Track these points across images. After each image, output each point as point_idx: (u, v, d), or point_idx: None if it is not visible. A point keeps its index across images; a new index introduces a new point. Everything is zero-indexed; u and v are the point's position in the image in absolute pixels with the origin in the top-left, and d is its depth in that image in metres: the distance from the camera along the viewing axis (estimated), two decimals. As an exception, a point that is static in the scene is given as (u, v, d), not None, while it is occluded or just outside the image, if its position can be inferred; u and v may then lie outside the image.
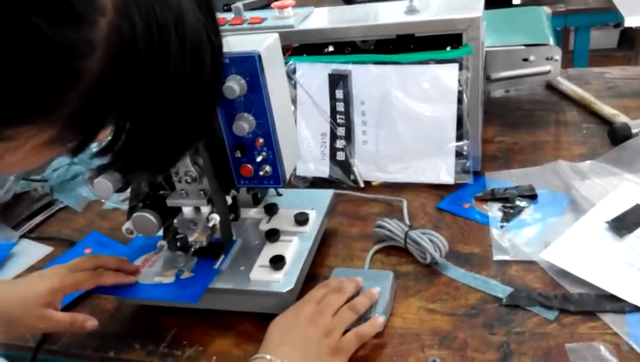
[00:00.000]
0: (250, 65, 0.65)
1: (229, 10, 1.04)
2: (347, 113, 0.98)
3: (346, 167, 1.00)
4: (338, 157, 1.00)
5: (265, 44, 0.67)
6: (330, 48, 1.02)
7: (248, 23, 0.97)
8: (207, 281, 0.72)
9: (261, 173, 0.71)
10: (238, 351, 0.70)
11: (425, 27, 0.88)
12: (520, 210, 0.86)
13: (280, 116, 0.70)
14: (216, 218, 0.70)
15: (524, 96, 1.24)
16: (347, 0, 1.91)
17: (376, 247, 0.83)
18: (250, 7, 1.05)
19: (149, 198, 0.72)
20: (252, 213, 0.85)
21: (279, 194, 0.87)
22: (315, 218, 0.81)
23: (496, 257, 0.78)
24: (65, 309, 0.79)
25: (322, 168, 1.01)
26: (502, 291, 0.72)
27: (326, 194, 0.87)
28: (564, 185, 0.89)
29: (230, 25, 0.97)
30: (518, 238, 0.80)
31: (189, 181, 0.70)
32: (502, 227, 0.83)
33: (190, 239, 0.71)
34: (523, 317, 0.68)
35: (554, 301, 0.69)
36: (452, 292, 0.73)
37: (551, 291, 0.71)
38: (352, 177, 0.99)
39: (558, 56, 1.05)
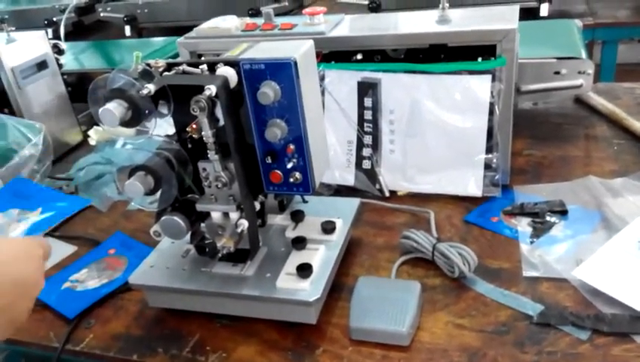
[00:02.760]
0: (285, 72, 0.65)
1: (255, 14, 1.04)
2: (375, 121, 0.97)
3: (371, 175, 0.99)
4: (364, 166, 0.99)
5: (301, 51, 0.67)
6: (359, 56, 1.01)
7: (279, 29, 0.96)
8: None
9: (291, 180, 0.71)
10: (262, 359, 0.69)
11: (459, 37, 0.88)
12: (550, 225, 0.84)
13: (312, 123, 0.69)
14: (244, 224, 0.70)
15: (553, 110, 1.22)
16: (372, 9, 1.91)
17: (402, 259, 0.82)
18: (275, 13, 1.05)
19: (178, 202, 0.72)
20: (278, 219, 0.84)
21: (305, 201, 0.87)
22: (341, 227, 0.80)
23: (526, 273, 0.76)
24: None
25: (347, 176, 1.00)
26: (532, 308, 0.70)
27: (352, 203, 0.86)
28: (596, 202, 0.88)
29: (261, 30, 0.97)
30: (548, 255, 0.79)
31: (219, 186, 0.70)
32: (532, 243, 0.81)
33: (218, 244, 0.70)
34: (555, 337, 0.66)
35: (586, 321, 0.67)
36: (481, 308, 0.72)
37: (583, 310, 0.69)
38: (377, 186, 0.99)
39: (590, 70, 1.03)
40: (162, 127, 0.73)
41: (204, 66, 0.66)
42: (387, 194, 0.98)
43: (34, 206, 0.78)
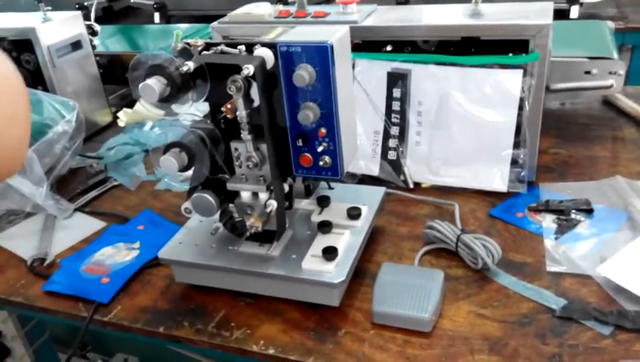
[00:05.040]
0: (321, 56, 0.65)
1: (286, 2, 1.05)
2: (403, 113, 0.98)
3: (396, 166, 0.99)
4: (389, 157, 1.00)
5: (337, 36, 0.67)
6: (389, 47, 1.02)
7: (312, 17, 0.97)
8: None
9: (320, 164, 0.72)
10: (285, 337, 0.70)
11: (493, 31, 0.88)
12: (575, 223, 0.84)
13: (344, 108, 0.70)
14: (273, 204, 0.71)
15: (580, 110, 1.22)
16: (400, 2, 1.91)
17: (425, 248, 0.83)
18: (308, 1, 1.05)
19: (209, 181, 0.73)
20: (304, 204, 0.85)
21: (331, 188, 0.88)
22: (367, 213, 0.81)
23: (550, 268, 0.76)
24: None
25: (372, 166, 1.01)
26: (555, 302, 0.71)
27: (377, 192, 0.87)
28: (622, 202, 0.87)
29: (294, 17, 0.98)
30: (572, 251, 0.79)
31: (250, 166, 0.71)
32: (556, 239, 0.81)
33: (247, 223, 0.72)
34: (577, 330, 0.67)
35: (609, 316, 0.67)
36: (503, 300, 0.72)
37: (606, 306, 0.69)
38: (401, 177, 0.99)
39: (622, 70, 1.03)
40: (190, 111, 0.74)
41: (242, 47, 0.67)
42: (411, 185, 0.98)
43: (133, 239, 0.91)
